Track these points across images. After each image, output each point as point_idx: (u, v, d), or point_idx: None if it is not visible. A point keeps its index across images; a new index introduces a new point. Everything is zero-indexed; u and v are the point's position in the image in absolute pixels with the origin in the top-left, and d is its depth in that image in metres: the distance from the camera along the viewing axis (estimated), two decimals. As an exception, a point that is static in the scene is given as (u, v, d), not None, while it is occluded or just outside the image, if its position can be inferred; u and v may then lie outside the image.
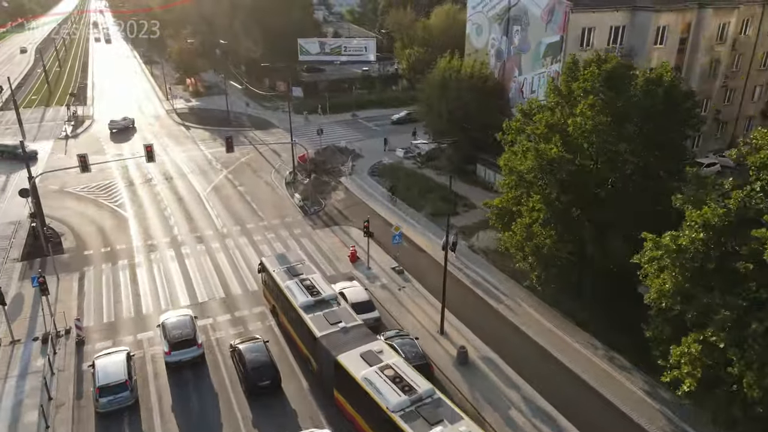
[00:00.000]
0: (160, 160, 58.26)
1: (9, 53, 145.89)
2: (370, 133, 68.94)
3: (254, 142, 65.30)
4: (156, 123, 74.08)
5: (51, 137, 67.09)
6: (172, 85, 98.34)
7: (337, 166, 56.41)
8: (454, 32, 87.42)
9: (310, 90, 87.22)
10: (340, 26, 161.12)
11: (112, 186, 51.42)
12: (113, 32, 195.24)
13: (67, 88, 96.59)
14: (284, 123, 71.70)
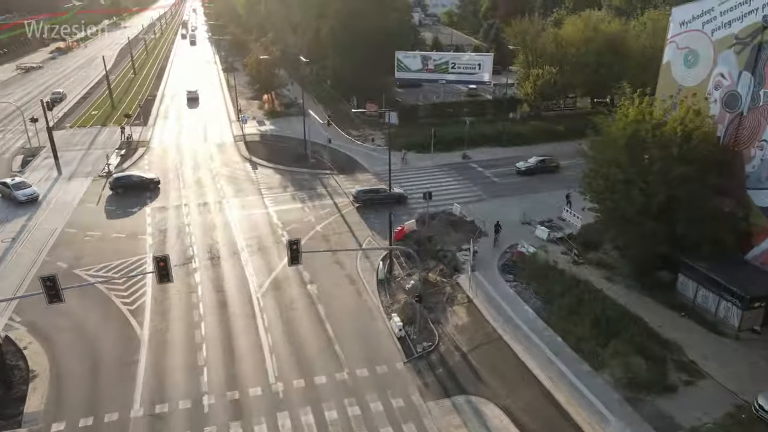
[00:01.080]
0: (210, 221, 43.31)
1: (92, 55, 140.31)
2: (491, 189, 50.69)
3: (335, 194, 49.00)
4: (218, 156, 59.80)
5: (92, 173, 54.24)
6: (248, 99, 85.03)
7: (451, 252, 38.78)
8: (598, 47, 67.68)
9: (407, 116, 70.20)
10: (437, 30, 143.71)
11: (137, 269, 36.59)
12: (200, 33, 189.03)
13: (134, 101, 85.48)
14: (375, 163, 55.55)
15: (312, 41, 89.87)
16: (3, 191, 46.74)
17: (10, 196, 46.04)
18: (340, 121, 72.70)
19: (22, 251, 38.66)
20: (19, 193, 45.89)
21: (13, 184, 46.75)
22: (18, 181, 47.50)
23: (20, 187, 46.57)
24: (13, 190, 45.99)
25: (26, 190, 46.49)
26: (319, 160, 58.13)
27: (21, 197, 45.69)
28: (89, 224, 42.84)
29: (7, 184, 46.76)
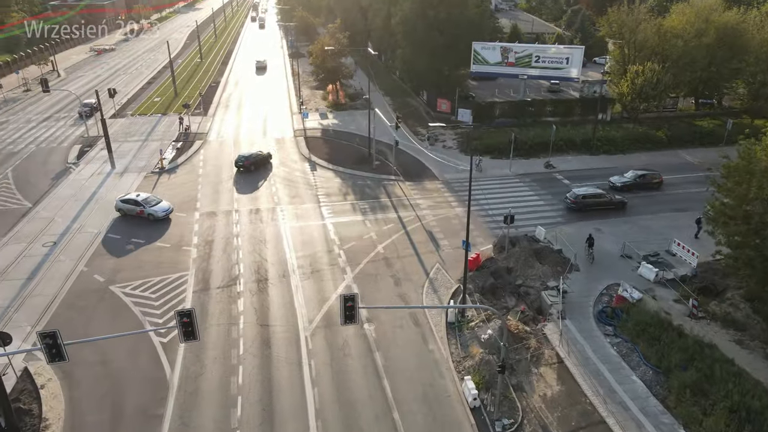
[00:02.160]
0: (261, 232, 38.98)
1: (163, 37, 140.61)
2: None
3: (400, 207, 43.55)
4: (276, 154, 55.56)
5: (145, 168, 51.35)
6: (311, 89, 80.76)
7: (535, 289, 32.53)
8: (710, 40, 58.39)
9: (482, 114, 63.51)
10: (514, 16, 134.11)
11: (178, 289, 32.64)
12: (270, 16, 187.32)
13: (197, 88, 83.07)
14: (446, 169, 49.74)
15: (382, 28, 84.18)
16: (131, 209, 41.10)
17: (142, 213, 40.70)
18: (407, 116, 67.00)
19: (61, 258, 35.72)
20: (157, 209, 40.66)
21: (144, 200, 41.08)
22: (145, 196, 41.68)
23: (151, 202, 41.06)
24: (146, 207, 40.56)
25: (162, 205, 41.27)
26: (384, 162, 52.73)
27: (160, 213, 40.52)
28: (134, 229, 39.56)
29: (137, 201, 40.98)
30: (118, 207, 41.56)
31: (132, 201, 41.30)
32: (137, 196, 41.82)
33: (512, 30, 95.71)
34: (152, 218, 40.48)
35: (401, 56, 68.28)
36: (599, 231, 39.09)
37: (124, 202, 41.57)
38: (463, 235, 37.97)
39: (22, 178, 48.84)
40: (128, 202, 41.42)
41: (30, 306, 30.85)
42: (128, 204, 41.28)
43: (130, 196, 41.92)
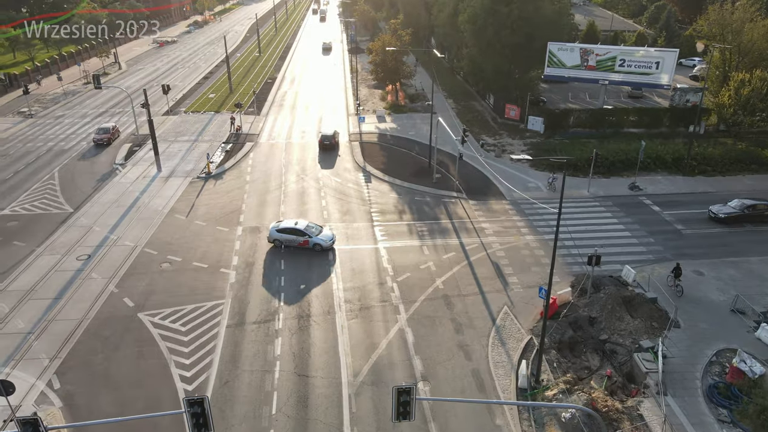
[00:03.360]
0: (307, 255, 34.98)
1: (225, 29, 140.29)
2: (675, 243, 37.21)
3: (463, 230, 38.62)
4: (328, 159, 51.66)
5: (192, 173, 48.64)
6: (369, 88, 76.66)
7: (625, 348, 27.00)
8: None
9: (555, 122, 57.38)
10: (589, 12, 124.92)
11: (210, 321, 29.13)
12: (332, 8, 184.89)
13: (253, 84, 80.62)
14: (515, 186, 44.24)
15: (447, 24, 78.80)
16: (291, 240, 35.42)
17: (306, 243, 35.40)
18: (471, 122, 61.73)
19: (93, 275, 33.04)
20: (324, 238, 35.57)
21: (306, 228, 35.59)
22: (305, 223, 36.06)
23: (314, 231, 35.78)
24: (312, 237, 35.35)
25: (326, 233, 36.27)
26: (446, 176, 47.85)
27: (328, 242, 35.50)
28: (172, 244, 36.56)
29: (301, 230, 35.31)
30: (274, 237, 35.49)
31: (294, 230, 35.18)
32: (296, 224, 35.53)
33: (588, 27, 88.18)
34: (319, 249, 35.16)
35: (468, 56, 62.92)
36: (700, 274, 32.94)
37: (283, 231, 35.36)
38: (537, 271, 33.19)
39: (68, 179, 47.11)
40: (288, 231, 35.24)
41: (52, 333, 28.12)
42: (288, 234, 35.22)
43: (287, 225, 35.59)
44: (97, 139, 54.93)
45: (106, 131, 55.50)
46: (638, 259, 34.83)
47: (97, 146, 54.59)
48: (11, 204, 42.47)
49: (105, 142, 54.76)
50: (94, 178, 47.31)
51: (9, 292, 31.46)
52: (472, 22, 59.49)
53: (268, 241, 36.06)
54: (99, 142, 54.83)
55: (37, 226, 39.04)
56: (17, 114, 66.32)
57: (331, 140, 53.49)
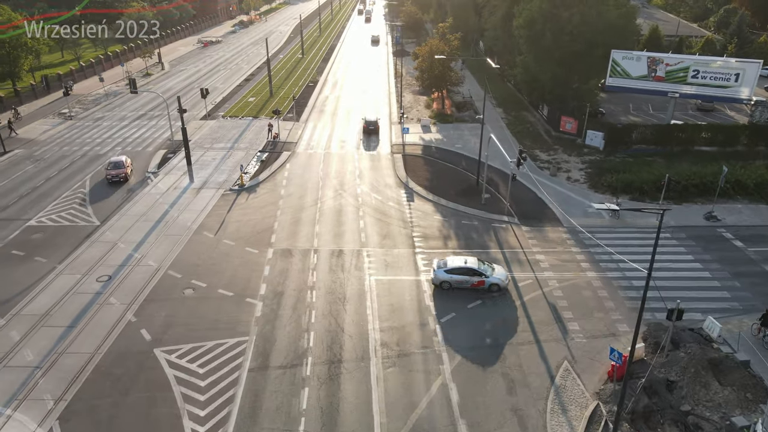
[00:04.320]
0: (341, 286, 31.79)
1: (270, 29, 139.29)
2: (764, 288, 32.19)
3: (515, 262, 34.57)
4: (369, 174, 48.43)
5: (225, 184, 46.18)
6: (414, 94, 73.13)
7: (713, 425, 22.55)
8: None
9: (616, 138, 52.41)
10: (649, 15, 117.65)
11: (231, 363, 26.17)
12: (377, 9, 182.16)
13: (294, 87, 78.25)
14: (573, 210, 40.32)
15: (498, 28, 74.42)
16: (464, 281, 31.11)
17: (482, 284, 31.07)
18: (523, 135, 57.40)
19: (111, 300, 30.65)
20: (501, 276, 31.39)
21: (479, 267, 31.31)
22: (474, 261, 31.85)
23: (486, 269, 31.48)
24: (488, 276, 31.01)
25: (500, 270, 31.90)
26: (495, 196, 43.81)
27: (504, 282, 31.34)
28: (197, 266, 33.93)
29: (475, 269, 31.07)
30: (442, 279, 31.22)
31: (467, 270, 31.07)
32: (466, 262, 31.33)
33: (651, 32, 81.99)
34: (496, 289, 31.08)
35: (522, 64, 58.48)
36: (798, 330, 27.93)
37: (454, 272, 31.08)
38: (602, 318, 28.85)
39: (99, 188, 45.36)
40: (460, 271, 31.04)
41: (61, 369, 25.70)
42: (460, 275, 31.03)
43: (456, 264, 31.26)
44: (111, 176, 45.36)
45: (119, 165, 46.13)
46: (721, 307, 30.09)
47: (111, 184, 45.34)
48: (38, 214, 40.85)
49: (122, 179, 45.56)
50: (125, 187, 45.38)
51: (23, 317, 29.35)
52: (528, 28, 55.09)
53: (433, 284, 31.58)
54: (114, 179, 45.33)
55: (62, 240, 37.15)
56: (57, 115, 65.72)
57: (375, 125, 58.66)
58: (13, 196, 44.04)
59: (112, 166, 46.06)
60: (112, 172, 45.66)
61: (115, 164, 46.31)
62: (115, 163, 46.37)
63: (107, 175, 45.61)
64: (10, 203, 42.78)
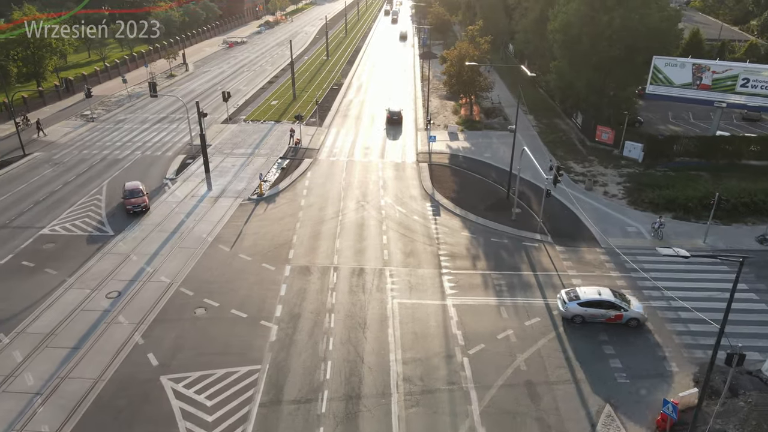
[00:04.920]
0: (361, 309, 29.72)
1: (296, 30, 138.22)
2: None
3: (548, 287, 32.03)
4: (393, 184, 46.29)
5: (243, 193, 44.53)
6: (441, 99, 70.78)
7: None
8: None
9: (656, 149, 49.30)
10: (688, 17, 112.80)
11: (242, 395, 24.28)
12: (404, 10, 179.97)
13: (318, 90, 76.58)
14: (611, 229, 37.59)
15: (530, 31, 71.58)
16: (599, 315, 28.49)
17: (620, 318, 28.43)
18: (555, 144, 54.62)
19: (120, 319, 29.06)
20: (638, 310, 28.64)
21: (616, 299, 28.78)
22: (609, 293, 29.12)
23: (625, 303, 28.90)
24: (626, 309, 28.48)
25: (637, 303, 29.31)
26: (527, 211, 41.25)
27: (643, 315, 28.67)
28: (210, 284, 32.19)
29: (611, 302, 28.47)
30: (575, 313, 28.47)
31: (603, 303, 28.39)
32: (600, 294, 28.74)
33: (692, 36, 77.96)
34: (635, 324, 28.42)
35: (556, 69, 55.62)
36: None
37: (588, 305, 28.41)
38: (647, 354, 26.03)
39: (115, 195, 44.04)
40: (595, 305, 28.38)
41: (62, 396, 24.13)
42: (595, 308, 28.36)
43: (590, 297, 28.59)
44: (131, 207, 40.08)
45: (136, 193, 41.07)
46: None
47: (131, 215, 40.20)
48: (52, 222, 39.67)
49: (143, 208, 40.47)
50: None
51: (27, 335, 27.94)
52: (564, 32, 52.26)
53: (564, 318, 28.95)
54: (135, 209, 40.13)
55: (74, 250, 35.82)
56: (80, 117, 65.08)
57: (398, 116, 61.86)
58: (29, 201, 43.04)
59: (128, 194, 41.20)
60: (131, 202, 40.45)
61: (131, 192, 41.30)
62: (131, 191, 41.35)
63: (126, 205, 40.44)
64: (25, 209, 41.75)
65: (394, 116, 61.95)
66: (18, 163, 50.86)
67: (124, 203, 40.75)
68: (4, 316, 29.30)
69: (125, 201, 40.76)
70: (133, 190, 41.55)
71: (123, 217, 40.18)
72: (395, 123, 61.58)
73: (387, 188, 45.50)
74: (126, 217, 40.16)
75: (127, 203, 40.51)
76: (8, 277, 32.93)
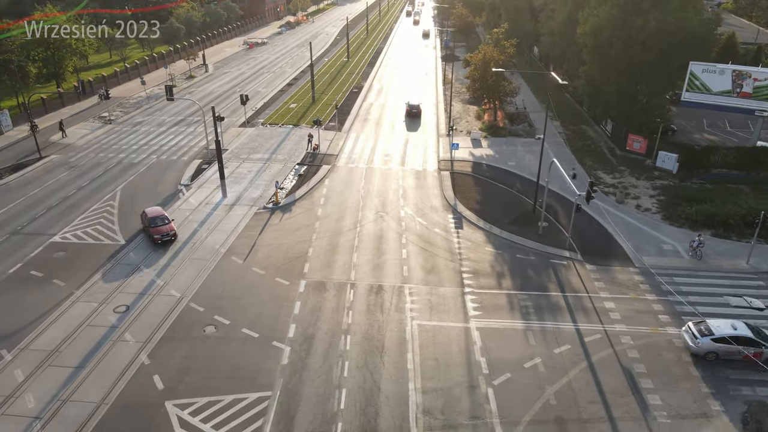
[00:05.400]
0: (378, 331, 28.11)
1: (317, 30, 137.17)
2: None
3: (579, 310, 29.99)
4: (413, 193, 44.53)
5: (259, 201, 43.17)
6: (464, 103, 68.87)
7: None
8: None
9: (691, 160, 46.75)
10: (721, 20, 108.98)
11: (249, 426, 22.74)
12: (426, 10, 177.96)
13: (337, 94, 75.17)
14: (646, 247, 35.80)
15: (557, 33, 69.21)
16: (736, 351, 25.94)
17: (759, 356, 25.89)
18: (582, 152, 52.41)
19: (126, 337, 27.79)
20: None
21: (756, 333, 26.57)
22: (743, 326, 26.89)
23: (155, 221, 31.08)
24: None
25: None
26: (554, 225, 39.17)
27: None
28: (222, 299, 30.80)
29: (753, 339, 26.09)
30: (708, 350, 25.95)
31: (738, 339, 25.82)
32: (735, 329, 26.28)
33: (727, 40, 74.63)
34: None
35: (585, 75, 53.29)
36: None
37: (722, 341, 25.78)
38: (689, 389, 23.84)
39: (128, 202, 43.04)
40: (730, 341, 25.78)
41: (62, 421, 22.87)
42: (731, 344, 25.73)
43: (725, 331, 26.07)
44: (160, 234, 35.75)
45: (162, 220, 36.65)
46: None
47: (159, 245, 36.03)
48: (64, 229, 38.70)
49: (172, 237, 36.25)
50: (155, 202, 42.86)
51: (30, 353, 26.79)
52: (594, 36, 49.98)
53: (696, 354, 26.26)
54: (164, 238, 35.81)
55: (83, 260, 34.73)
56: (98, 119, 64.52)
57: (417, 109, 64.93)
58: (42, 207, 42.20)
59: (152, 221, 36.36)
60: (160, 230, 35.76)
61: (156, 219, 36.55)
62: (155, 218, 36.60)
63: (153, 234, 35.69)
64: (37, 215, 40.91)
65: (413, 109, 64.78)
66: (34, 166, 50.23)
67: (150, 232, 36.03)
68: (9, 331, 28.23)
69: (151, 230, 36.04)
70: (157, 217, 36.90)
71: (135, 226, 39.03)
72: (414, 116, 64.34)
73: (407, 198, 43.75)
74: (138, 225, 38.97)
75: (154, 232, 35.83)
76: (16, 288, 31.94)
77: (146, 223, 36.88)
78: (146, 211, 37.88)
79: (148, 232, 36.59)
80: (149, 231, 36.36)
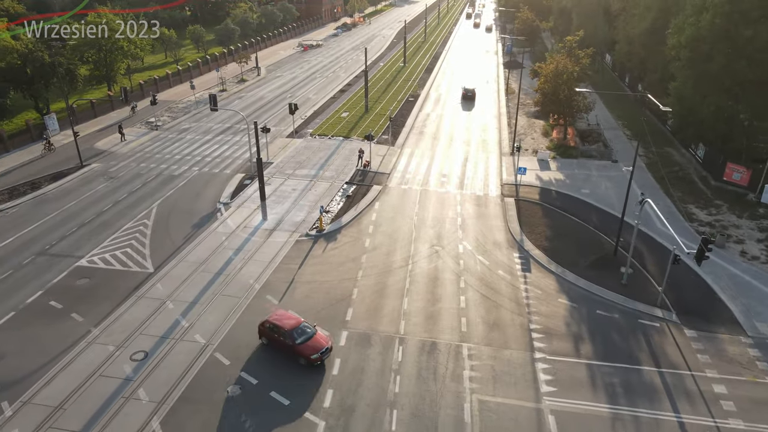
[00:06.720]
0: (432, 407, 23.34)
1: (373, 33, 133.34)
2: None
3: (680, 396, 24.22)
4: (473, 224, 39.38)
5: (302, 226, 39.15)
6: (529, 117, 63.34)
7: None
8: None
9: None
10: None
11: None
12: (487, 12, 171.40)
13: (395, 99, 70.78)
14: (754, 308, 28.38)
15: (638, 43, 62.20)
16: None
17: None
18: (670, 182, 45.68)
19: (140, 395, 24.15)
20: None
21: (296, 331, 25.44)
22: None
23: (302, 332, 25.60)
24: None
25: None
26: (639, 272, 33.19)
27: None
28: (251, 349, 26.74)
29: None
30: None
31: None
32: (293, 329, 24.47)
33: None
34: None
35: (675, 92, 46.57)
36: None
37: None
38: None
39: (163, 220, 39.98)
40: None
41: (52, 508, 19.25)
42: None
43: None
44: (317, 352, 25.26)
45: (307, 331, 26.22)
46: None
47: None
48: (92, 251, 35.85)
49: (329, 351, 25.95)
50: (190, 222, 39.65)
51: (32, 407, 23.53)
52: (691, 48, 43.30)
53: None
54: (324, 356, 25.60)
55: (107, 290, 31.61)
56: (145, 124, 62.51)
57: (472, 92, 71.96)
58: (74, 223, 39.67)
59: (296, 335, 25.77)
60: (314, 347, 25.52)
61: (300, 332, 26.04)
62: (297, 331, 26.01)
63: (309, 355, 25.31)
64: (68, 233, 38.33)
65: (468, 93, 71.69)
66: (74, 175, 48.20)
67: (295, 351, 25.40)
68: (16, 376, 25.17)
69: (296, 348, 25.40)
70: (297, 328, 26.07)
71: (168, 249, 35.78)
72: (469, 99, 71.31)
73: (466, 229, 38.69)
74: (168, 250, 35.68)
75: (306, 350, 25.31)
76: (31, 322, 29.01)
77: (283, 337, 25.85)
78: (274, 321, 26.40)
79: (287, 350, 25.81)
80: (295, 350, 25.44)
